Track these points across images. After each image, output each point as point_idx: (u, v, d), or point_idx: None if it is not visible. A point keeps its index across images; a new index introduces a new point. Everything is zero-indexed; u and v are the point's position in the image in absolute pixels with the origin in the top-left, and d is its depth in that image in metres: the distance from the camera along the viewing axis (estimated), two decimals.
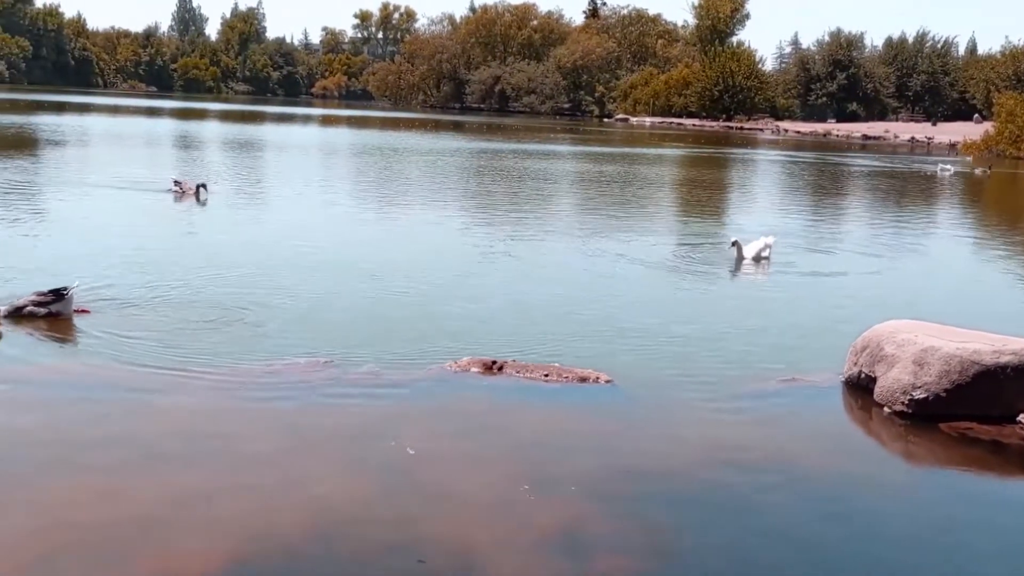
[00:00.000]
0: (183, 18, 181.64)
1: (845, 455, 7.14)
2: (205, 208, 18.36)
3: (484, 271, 13.40)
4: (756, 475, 6.55)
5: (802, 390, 8.39)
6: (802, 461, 6.88)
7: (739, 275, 14.02)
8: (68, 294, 9.30)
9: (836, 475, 6.70)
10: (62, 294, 9.27)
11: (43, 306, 9.23)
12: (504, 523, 5.54)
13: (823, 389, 8.47)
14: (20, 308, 9.23)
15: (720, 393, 8.13)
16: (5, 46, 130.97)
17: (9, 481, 5.73)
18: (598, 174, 33.68)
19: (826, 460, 6.95)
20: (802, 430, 7.52)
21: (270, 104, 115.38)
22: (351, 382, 7.84)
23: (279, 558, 5.03)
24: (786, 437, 7.31)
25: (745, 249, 14.52)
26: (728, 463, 6.72)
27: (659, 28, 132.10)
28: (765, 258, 14.57)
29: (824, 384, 8.56)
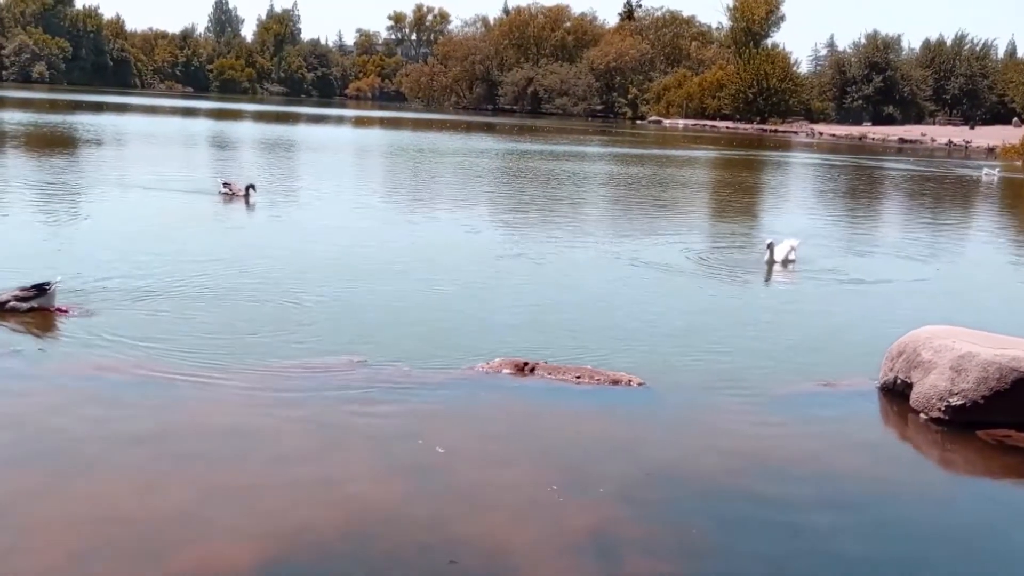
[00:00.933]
0: (219, 19, 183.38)
1: (880, 461, 7.06)
2: (250, 209, 18.43)
3: (516, 272, 13.39)
4: (790, 481, 6.50)
5: (837, 395, 8.32)
6: (836, 467, 6.82)
7: (771, 278, 13.91)
8: (50, 289, 9.40)
9: (871, 481, 6.63)
10: (44, 289, 9.37)
11: (25, 301, 9.33)
12: (535, 525, 5.54)
13: (858, 394, 8.39)
14: (3, 303, 9.33)
15: (754, 397, 8.08)
16: (45, 47, 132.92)
17: (49, 476, 5.81)
18: (630, 176, 33.59)
19: (861, 466, 6.89)
20: (837, 436, 7.45)
21: (304, 105, 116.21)
22: (384, 381, 7.87)
23: (313, 556, 5.06)
24: (820, 442, 7.25)
25: (776, 251, 14.43)
26: (761, 468, 6.67)
27: (693, 30, 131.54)
28: (792, 261, 14.48)
29: (859, 389, 8.47)
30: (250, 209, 18.39)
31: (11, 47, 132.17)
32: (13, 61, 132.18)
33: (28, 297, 9.33)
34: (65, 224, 15.82)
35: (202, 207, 18.72)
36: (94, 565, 4.84)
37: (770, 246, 14.46)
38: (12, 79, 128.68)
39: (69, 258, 12.28)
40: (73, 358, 8.01)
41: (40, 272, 10.99)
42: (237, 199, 18.98)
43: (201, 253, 13.13)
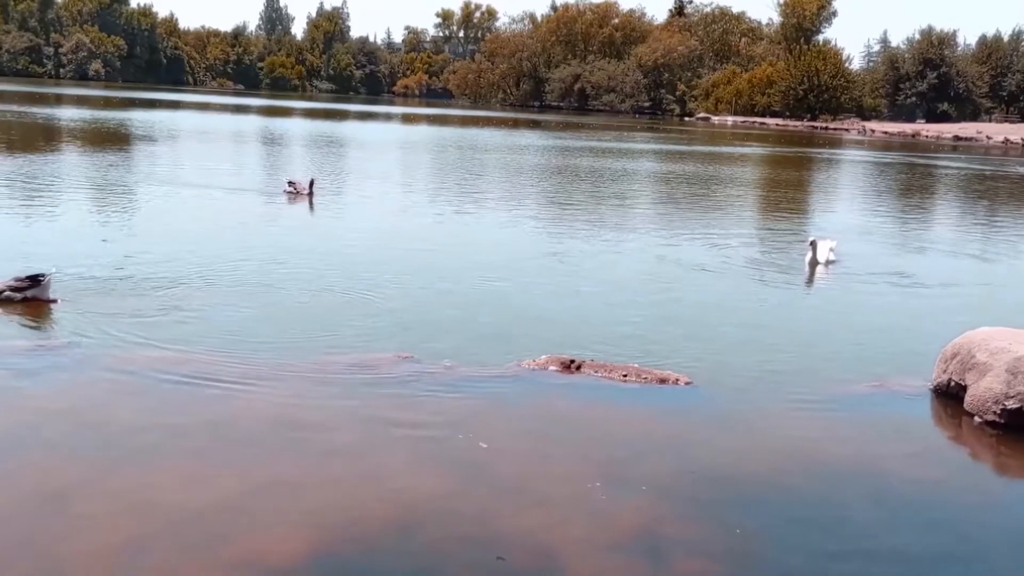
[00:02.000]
0: (270, 17, 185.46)
1: (933, 465, 6.95)
2: (312, 207, 18.49)
3: (562, 270, 13.38)
4: (840, 483, 6.43)
5: (889, 397, 8.20)
6: (887, 469, 6.72)
7: (820, 277, 13.69)
8: (45, 280, 9.58)
9: (923, 485, 6.53)
10: (39, 280, 9.56)
11: (20, 291, 9.50)
12: (581, 522, 5.54)
13: (910, 396, 8.26)
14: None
15: (803, 398, 7.99)
16: (101, 45, 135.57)
17: (102, 466, 5.93)
18: (677, 173, 33.38)
19: (913, 469, 6.78)
20: (888, 438, 7.34)
21: (353, 102, 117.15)
22: (430, 377, 7.92)
23: (360, 549, 5.12)
24: (871, 444, 7.15)
25: (809, 254, 14.11)
26: (811, 470, 6.60)
27: (743, 26, 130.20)
28: (832, 261, 14.19)
29: (912, 391, 8.34)
30: (312, 207, 18.40)
31: (68, 45, 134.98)
32: (70, 59, 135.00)
33: (23, 288, 9.51)
34: (121, 218, 16.12)
35: (260, 204, 18.93)
36: (147, 553, 4.93)
37: (813, 244, 14.20)
38: (69, 76, 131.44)
39: (119, 252, 12.50)
40: (125, 351, 8.15)
41: (95, 267, 11.25)
42: (301, 198, 18.94)
43: (253, 249, 13.31)
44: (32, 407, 6.81)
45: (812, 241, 14.25)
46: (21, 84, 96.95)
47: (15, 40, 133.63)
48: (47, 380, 7.34)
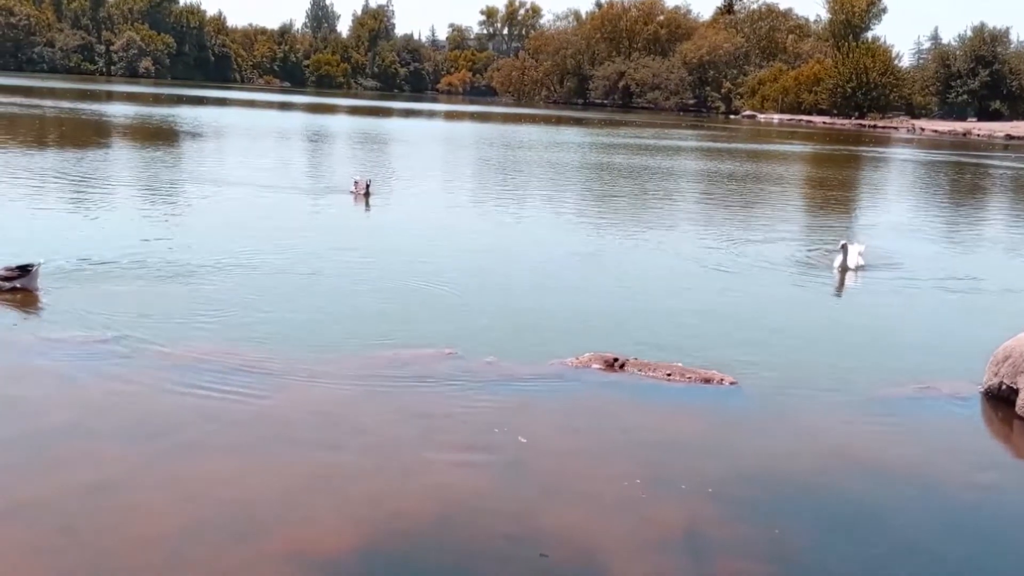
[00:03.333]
0: (316, 15, 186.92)
1: (984, 469, 6.84)
2: (365, 205, 18.47)
3: (604, 267, 13.37)
4: (887, 485, 6.35)
5: (938, 399, 8.08)
6: (937, 473, 6.63)
7: (865, 278, 13.43)
8: (34, 270, 9.75)
9: (973, 489, 6.44)
10: (28, 270, 9.73)
11: (9, 280, 9.68)
12: (624, 520, 5.54)
13: (960, 399, 8.13)
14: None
15: (850, 399, 7.91)
16: (151, 43, 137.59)
17: (148, 458, 6.05)
18: (721, 171, 33.12)
19: (963, 473, 6.68)
20: (938, 441, 7.24)
21: (397, 100, 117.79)
22: (474, 373, 7.96)
23: (404, 543, 5.17)
24: (920, 447, 7.06)
25: (839, 257, 13.57)
26: (858, 472, 6.54)
27: (790, 23, 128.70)
28: (861, 266, 13.62)
29: (962, 394, 8.21)
30: (367, 207, 18.33)
31: (119, 43, 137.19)
32: (121, 56, 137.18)
33: (12, 277, 9.70)
34: (171, 214, 16.38)
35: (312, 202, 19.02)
36: (193, 544, 5.02)
37: (844, 248, 13.61)
38: (120, 73, 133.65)
39: (167, 247, 12.71)
40: (172, 344, 8.30)
41: (142, 261, 11.47)
42: (360, 197, 18.79)
43: (301, 246, 13.42)
44: (83, 398, 6.96)
45: (843, 245, 13.73)
46: (73, 81, 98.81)
47: (68, 38, 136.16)
48: (97, 373, 7.48)
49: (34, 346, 7.97)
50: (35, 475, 5.68)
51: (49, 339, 8.16)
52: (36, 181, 18.86)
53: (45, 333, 8.33)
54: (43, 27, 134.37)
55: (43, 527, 5.08)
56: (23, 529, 5.05)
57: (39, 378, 7.29)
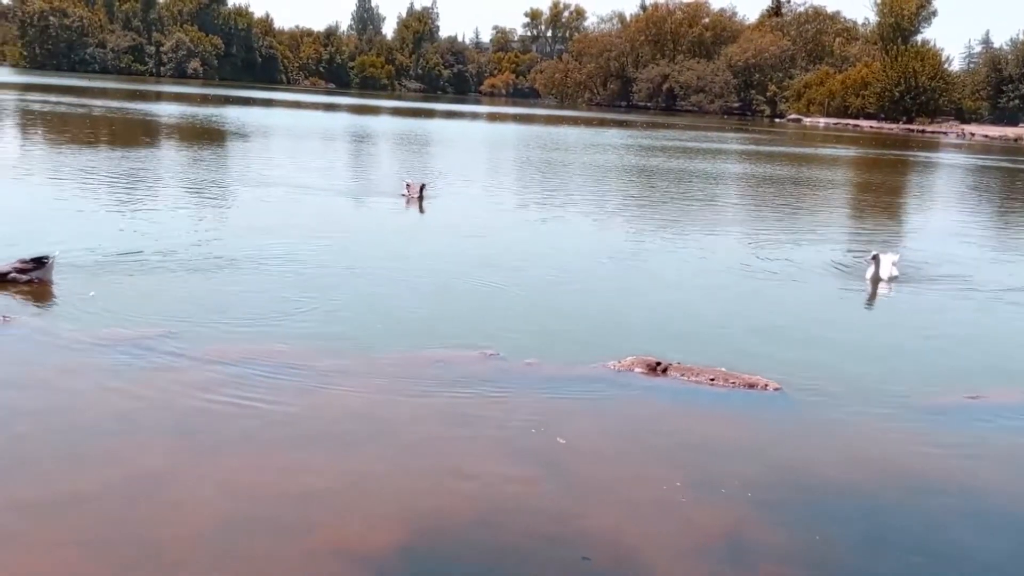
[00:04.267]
0: (362, 17, 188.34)
1: None
2: (418, 208, 18.33)
3: (647, 271, 13.32)
4: (932, 495, 6.25)
5: (985, 408, 7.93)
6: (984, 484, 6.51)
7: (912, 286, 13.16)
8: (49, 262, 9.89)
9: (1021, 500, 6.31)
10: (43, 262, 9.87)
11: (25, 272, 9.83)
12: (666, 524, 5.51)
13: (1009, 408, 7.97)
14: (4, 274, 9.84)
15: (897, 407, 7.79)
16: (200, 44, 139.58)
17: (196, 453, 6.13)
18: (765, 175, 32.84)
19: (1010, 484, 6.55)
20: (987, 451, 7.11)
21: (440, 101, 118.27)
22: (515, 375, 7.97)
23: (445, 542, 5.19)
24: (969, 458, 6.93)
25: (871, 268, 13.03)
26: (905, 482, 6.44)
27: (837, 26, 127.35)
28: (895, 277, 13.09)
29: (1010, 403, 8.06)
30: (421, 210, 18.13)
31: (169, 44, 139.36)
32: (170, 57, 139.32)
33: (28, 269, 9.87)
34: (222, 213, 16.59)
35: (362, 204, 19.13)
36: (240, 537, 5.08)
37: (875, 259, 13.04)
38: (169, 74, 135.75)
39: (216, 246, 12.88)
40: (219, 341, 8.40)
41: (190, 259, 11.64)
42: (413, 200, 18.61)
43: (348, 247, 13.55)
44: (129, 394, 7.06)
45: (874, 255, 13.17)
46: (124, 82, 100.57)
47: (119, 39, 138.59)
48: (143, 369, 7.59)
49: (82, 342, 8.11)
50: (83, 469, 5.78)
51: (97, 336, 8.30)
52: (84, 179, 19.21)
53: (93, 329, 8.47)
54: (95, 28, 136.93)
55: (91, 520, 5.18)
56: (72, 522, 5.14)
57: (87, 374, 7.42)
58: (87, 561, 4.78)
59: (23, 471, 5.70)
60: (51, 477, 5.64)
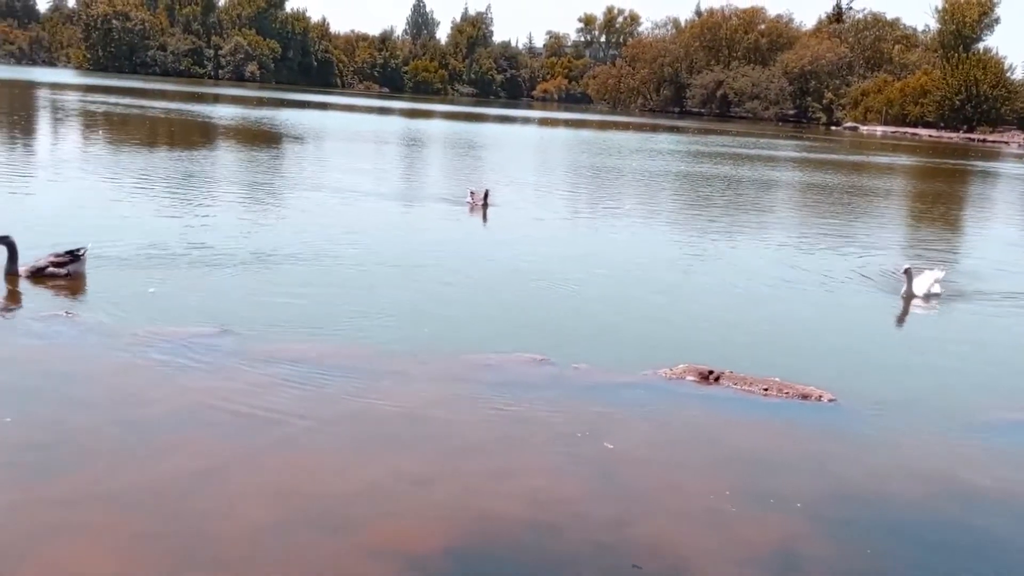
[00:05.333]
0: (416, 22, 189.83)
1: None
2: (482, 216, 18.19)
3: (700, 279, 13.22)
4: (987, 509, 6.12)
5: None
6: None
7: (965, 300, 12.82)
8: (82, 255, 10.06)
9: None
10: (77, 255, 10.04)
11: (61, 266, 10.01)
12: (717, 534, 5.46)
13: None
14: (41, 268, 10.04)
15: (953, 421, 7.65)
16: (258, 47, 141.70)
17: (248, 451, 6.21)
18: (820, 183, 32.40)
19: None
20: None
21: (493, 106, 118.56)
22: (566, 380, 7.96)
23: (495, 544, 5.20)
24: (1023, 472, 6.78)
25: (915, 283, 12.48)
26: (956, 495, 6.32)
27: (897, 33, 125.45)
28: (936, 294, 12.44)
29: None
30: (484, 218, 17.95)
31: (227, 47, 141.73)
32: (228, 60, 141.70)
33: (64, 263, 10.05)
34: (281, 216, 16.82)
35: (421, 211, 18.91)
36: (289, 535, 5.14)
37: (907, 274, 12.44)
38: (227, 77, 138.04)
39: (273, 248, 13.06)
40: (272, 342, 8.52)
41: (244, 261, 11.82)
42: (476, 208, 18.48)
43: (405, 252, 13.61)
44: (185, 390, 7.18)
45: (906, 270, 12.49)
46: (183, 84, 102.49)
47: (179, 42, 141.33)
48: (199, 366, 7.72)
49: (142, 339, 8.27)
50: (138, 463, 5.90)
51: (157, 332, 8.46)
52: (143, 178, 19.60)
53: (152, 326, 8.64)
54: (156, 31, 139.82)
55: (146, 513, 5.28)
56: (127, 514, 5.24)
57: (146, 370, 7.56)
58: (142, 553, 4.88)
59: (83, 464, 5.84)
60: (109, 470, 5.76)
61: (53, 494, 5.40)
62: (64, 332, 8.38)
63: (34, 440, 6.11)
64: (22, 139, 28.45)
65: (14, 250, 10.16)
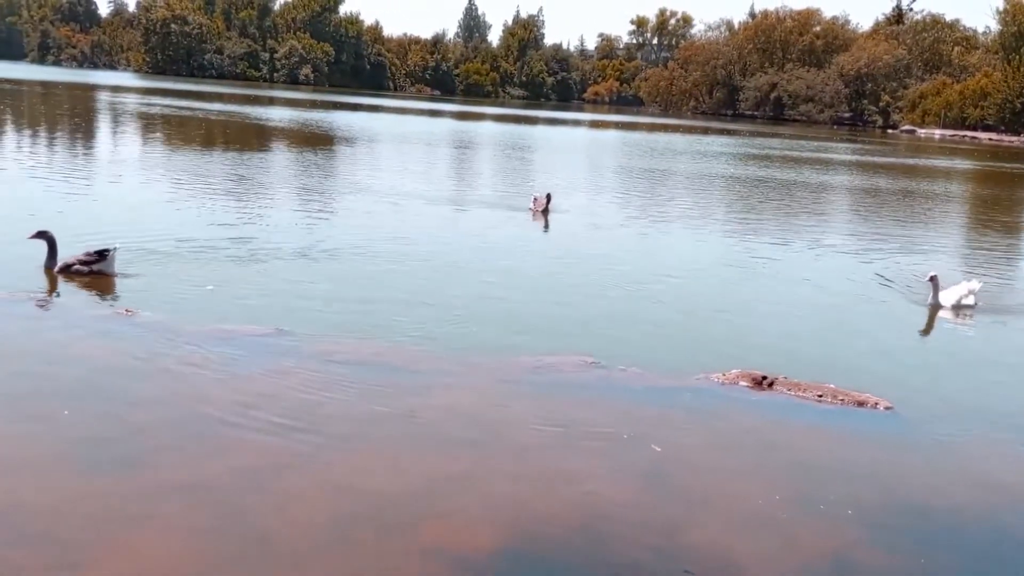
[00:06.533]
0: (468, 25, 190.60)
1: None
2: (544, 220, 18.06)
3: (752, 283, 13.09)
4: None
5: None
6: None
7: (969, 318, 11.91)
8: (110, 255, 10.38)
9: None
10: (104, 254, 10.36)
11: (88, 264, 10.33)
12: (771, 541, 5.41)
13: None
14: (70, 266, 10.39)
15: (1010, 431, 7.52)
16: (312, 51, 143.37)
17: (309, 448, 6.30)
18: (875, 187, 31.90)
19: None
20: None
21: (544, 108, 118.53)
22: (618, 384, 7.94)
23: (547, 548, 5.20)
24: None
25: (943, 294, 11.88)
26: (1014, 505, 6.19)
27: (956, 35, 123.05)
28: (968, 306, 11.83)
29: None
30: (547, 224, 17.70)
31: (282, 51, 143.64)
32: (283, 64, 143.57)
33: (91, 261, 10.38)
34: (339, 217, 17.02)
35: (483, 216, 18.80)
36: (347, 533, 5.21)
37: (933, 282, 11.85)
38: (282, 80, 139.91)
39: (330, 248, 13.21)
40: (329, 340, 8.62)
41: (300, 261, 11.97)
42: (539, 215, 18.27)
43: (464, 258, 13.62)
44: (244, 388, 7.31)
45: (932, 277, 11.89)
46: (238, 87, 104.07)
47: (235, 46, 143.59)
48: (258, 365, 7.85)
49: (200, 336, 8.42)
50: (196, 459, 6.00)
51: (215, 330, 8.62)
52: (200, 178, 19.95)
53: (211, 324, 8.80)
54: (213, 35, 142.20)
55: (205, 508, 5.37)
56: (186, 509, 5.34)
57: (204, 367, 7.69)
58: (201, 546, 4.97)
59: (145, 459, 5.96)
60: (169, 465, 5.88)
61: (114, 487, 5.53)
62: (124, 330, 8.56)
63: (94, 434, 6.26)
64: (84, 141, 29.13)
65: (54, 246, 10.59)
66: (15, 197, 15.97)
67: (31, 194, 16.35)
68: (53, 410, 6.59)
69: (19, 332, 8.42)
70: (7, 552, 4.76)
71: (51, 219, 12.60)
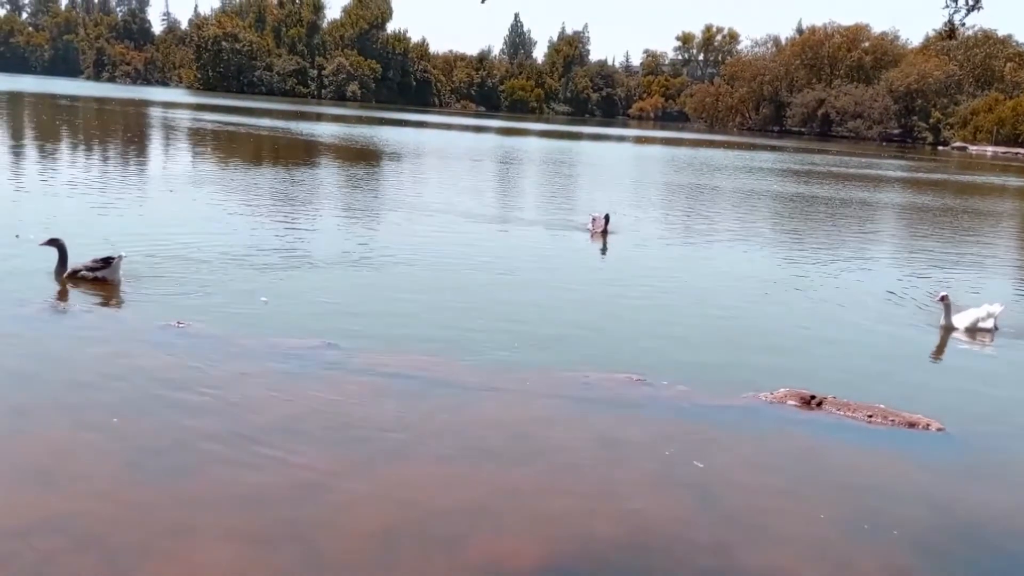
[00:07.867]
0: (514, 42, 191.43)
1: None
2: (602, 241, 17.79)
3: (801, 302, 12.95)
4: None
5: None
6: None
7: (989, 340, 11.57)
8: (114, 262, 10.63)
9: None
10: (110, 261, 10.62)
11: (93, 271, 10.61)
12: (821, 564, 5.36)
13: None
14: (76, 271, 10.69)
15: None
16: (359, 68, 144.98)
17: (356, 461, 6.36)
18: (925, 205, 31.44)
19: None
20: None
21: (588, 124, 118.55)
22: (664, 401, 7.92)
23: (597, 565, 5.19)
24: None
25: (957, 316, 11.50)
26: None
27: (1009, 50, 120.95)
28: (986, 330, 11.42)
29: None
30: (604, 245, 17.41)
31: (330, 68, 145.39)
32: (331, 80, 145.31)
33: (96, 268, 10.67)
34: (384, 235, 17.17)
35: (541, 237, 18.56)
36: (397, 544, 5.25)
37: (944, 302, 11.42)
38: (329, 97, 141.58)
39: (379, 263, 13.33)
40: (377, 353, 8.70)
41: (348, 274, 12.08)
42: (597, 236, 18.03)
43: (515, 275, 13.61)
44: (296, 401, 7.40)
45: (942, 297, 11.51)
46: (287, 103, 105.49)
47: (285, 63, 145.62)
48: (308, 377, 7.95)
49: (253, 349, 8.56)
50: (248, 470, 6.09)
51: (267, 343, 8.75)
52: (249, 193, 20.26)
53: (263, 336, 8.93)
54: (263, 52, 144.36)
55: (255, 519, 5.45)
56: (237, 519, 5.42)
57: (257, 379, 7.81)
58: (251, 557, 5.03)
59: (200, 469, 6.06)
60: (223, 476, 5.97)
61: (166, 497, 5.63)
62: (176, 342, 8.71)
63: (148, 444, 6.38)
64: (137, 156, 29.73)
65: (64, 253, 10.93)
66: (65, 209, 16.32)
67: (79, 206, 16.71)
68: (106, 420, 6.73)
69: (73, 342, 8.62)
70: (61, 559, 4.87)
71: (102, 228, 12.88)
